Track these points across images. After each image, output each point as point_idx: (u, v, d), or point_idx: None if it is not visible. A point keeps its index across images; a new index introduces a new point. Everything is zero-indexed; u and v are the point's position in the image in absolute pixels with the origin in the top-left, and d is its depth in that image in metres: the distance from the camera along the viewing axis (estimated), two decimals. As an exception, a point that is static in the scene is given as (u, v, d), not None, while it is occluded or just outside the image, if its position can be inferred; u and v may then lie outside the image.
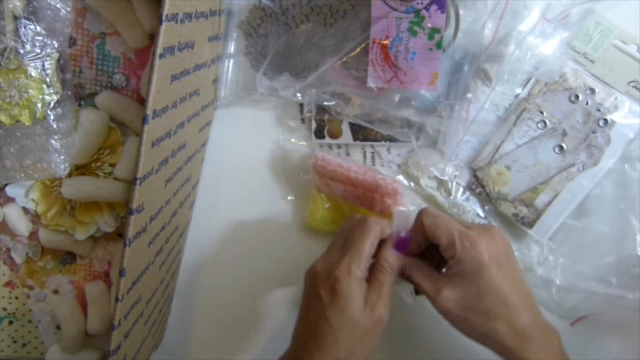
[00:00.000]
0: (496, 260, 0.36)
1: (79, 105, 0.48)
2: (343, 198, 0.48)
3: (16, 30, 0.42)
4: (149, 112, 0.34)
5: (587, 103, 0.47)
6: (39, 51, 0.43)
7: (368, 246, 0.37)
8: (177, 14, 0.35)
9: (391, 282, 0.38)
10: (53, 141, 0.45)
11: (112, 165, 0.48)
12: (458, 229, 0.37)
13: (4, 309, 0.53)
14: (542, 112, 0.48)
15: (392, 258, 0.38)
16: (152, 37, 0.46)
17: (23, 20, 0.42)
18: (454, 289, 0.36)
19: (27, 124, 0.44)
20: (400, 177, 0.52)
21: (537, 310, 0.37)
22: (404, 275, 0.39)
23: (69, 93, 0.46)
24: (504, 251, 0.37)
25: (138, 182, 0.35)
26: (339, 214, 0.50)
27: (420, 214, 0.39)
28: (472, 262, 0.35)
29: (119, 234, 0.51)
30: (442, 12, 0.42)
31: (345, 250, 0.38)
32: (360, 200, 0.48)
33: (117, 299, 0.37)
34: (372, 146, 0.52)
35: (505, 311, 0.35)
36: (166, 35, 0.34)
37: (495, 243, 0.36)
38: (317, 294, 0.37)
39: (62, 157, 0.46)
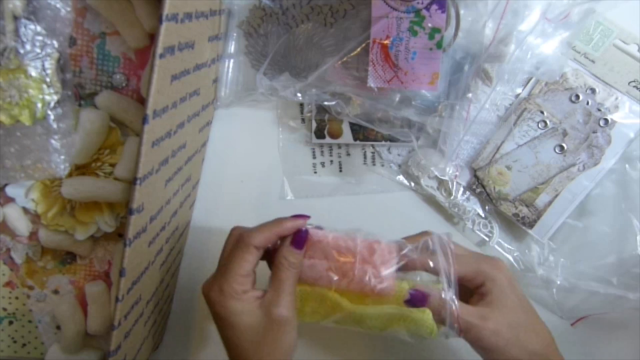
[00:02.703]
0: (515, 279, 0.38)
1: (79, 105, 0.48)
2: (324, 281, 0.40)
3: (16, 30, 0.42)
4: (149, 112, 0.34)
5: (587, 103, 0.47)
6: (39, 51, 0.43)
7: (238, 261, 0.37)
8: (177, 14, 0.35)
9: (291, 279, 0.38)
10: (53, 141, 0.45)
11: (112, 165, 0.48)
12: (473, 257, 0.38)
13: (4, 309, 0.53)
14: (542, 112, 0.48)
15: (290, 255, 0.38)
16: (152, 37, 0.46)
17: (23, 20, 0.42)
18: (498, 312, 0.36)
19: (27, 124, 0.44)
20: (401, 177, 0.52)
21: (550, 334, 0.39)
22: (437, 311, 0.37)
23: (69, 93, 0.46)
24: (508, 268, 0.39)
25: (138, 182, 0.35)
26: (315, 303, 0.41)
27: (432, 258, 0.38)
28: (501, 284, 0.37)
29: (119, 234, 0.51)
30: (443, 12, 0.42)
31: (218, 269, 0.39)
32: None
33: (117, 299, 0.37)
34: (373, 146, 0.52)
35: (537, 323, 0.38)
36: (166, 35, 0.34)
37: (500, 262, 0.39)
38: (212, 315, 0.39)
39: (62, 157, 0.46)
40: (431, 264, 0.38)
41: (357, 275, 0.38)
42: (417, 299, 0.37)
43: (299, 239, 0.38)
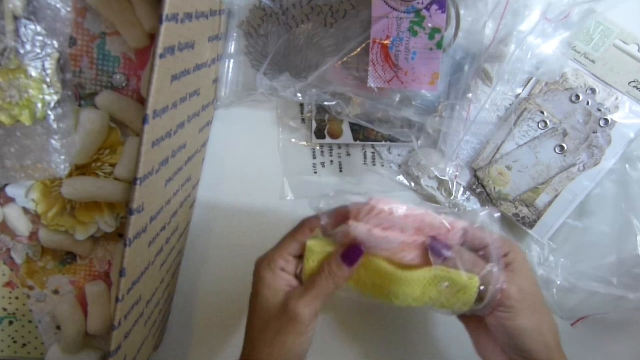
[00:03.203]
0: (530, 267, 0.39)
1: (79, 105, 0.48)
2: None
3: (16, 30, 0.42)
4: (149, 112, 0.34)
5: (587, 103, 0.47)
6: (39, 51, 0.43)
7: (292, 242, 0.38)
8: (177, 14, 0.35)
9: (328, 289, 0.37)
10: (53, 141, 0.45)
11: (112, 165, 0.48)
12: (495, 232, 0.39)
13: (4, 309, 0.53)
14: (542, 112, 0.48)
15: (337, 268, 0.37)
16: (152, 37, 0.46)
17: (23, 20, 0.42)
18: (522, 278, 0.37)
19: (27, 124, 0.44)
20: (401, 177, 0.52)
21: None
22: (486, 283, 0.36)
23: (69, 93, 0.46)
24: None
25: (138, 182, 0.35)
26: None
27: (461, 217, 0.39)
28: (523, 260, 0.38)
29: (119, 234, 0.51)
30: (443, 12, 0.42)
31: (278, 243, 0.39)
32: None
33: (117, 299, 0.37)
34: (373, 146, 0.52)
35: (550, 315, 0.38)
36: (166, 35, 0.34)
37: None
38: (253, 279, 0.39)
39: (62, 157, 0.46)
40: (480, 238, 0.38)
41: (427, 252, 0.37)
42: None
43: (352, 255, 0.37)
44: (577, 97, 0.47)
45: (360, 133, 0.50)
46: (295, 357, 0.37)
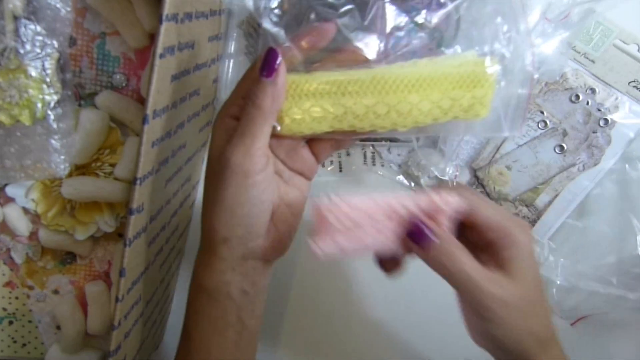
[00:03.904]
0: (534, 254, 0.33)
1: (79, 105, 0.48)
2: None
3: (16, 30, 0.42)
4: (149, 112, 0.34)
5: (587, 103, 0.47)
6: (39, 51, 0.43)
7: (241, 84, 0.32)
8: (177, 14, 0.35)
9: (254, 117, 0.30)
10: (53, 141, 0.45)
11: (112, 165, 0.48)
12: (505, 213, 0.33)
13: (4, 309, 0.53)
14: (542, 112, 0.48)
15: (254, 89, 0.30)
16: (152, 37, 0.46)
17: (23, 20, 0.42)
18: (514, 284, 0.31)
19: (27, 124, 0.44)
20: (401, 177, 0.52)
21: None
22: (442, 260, 0.31)
23: (69, 93, 0.46)
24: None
25: (138, 182, 0.35)
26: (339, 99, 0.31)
27: (462, 189, 0.33)
28: (525, 252, 0.32)
29: (119, 234, 0.51)
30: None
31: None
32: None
33: (117, 299, 0.37)
34: (373, 146, 0.52)
35: (544, 305, 0.34)
36: (166, 35, 0.34)
37: (531, 236, 0.33)
38: None
39: (62, 157, 0.46)
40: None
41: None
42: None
43: (269, 60, 0.30)
44: (577, 97, 0.47)
45: (360, 133, 0.50)
46: (240, 219, 0.31)
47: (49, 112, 0.45)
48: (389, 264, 0.35)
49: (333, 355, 0.55)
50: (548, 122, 0.48)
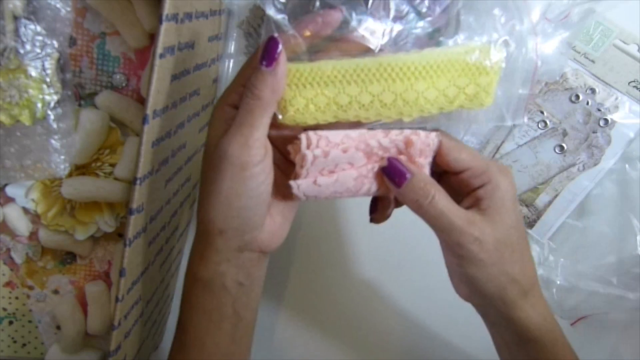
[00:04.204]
0: (515, 199, 0.33)
1: (79, 105, 0.48)
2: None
3: (16, 30, 0.42)
4: (149, 112, 0.34)
5: (587, 103, 0.47)
6: (39, 51, 0.43)
7: (242, 73, 0.31)
8: (177, 14, 0.35)
9: (256, 110, 0.29)
10: (53, 141, 0.45)
11: (112, 165, 0.48)
12: (484, 157, 0.33)
13: (4, 309, 0.53)
14: (542, 112, 0.48)
15: (252, 78, 0.29)
16: (152, 37, 0.46)
17: (23, 20, 0.42)
18: (489, 223, 0.31)
19: (27, 124, 0.44)
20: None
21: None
22: (417, 197, 0.30)
23: (69, 93, 0.46)
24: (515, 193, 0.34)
25: (138, 182, 0.35)
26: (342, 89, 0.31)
27: (440, 133, 0.32)
28: (504, 194, 0.32)
29: (119, 234, 0.51)
30: (443, 12, 0.42)
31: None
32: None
33: (117, 299, 0.37)
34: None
35: (526, 254, 0.33)
36: (166, 35, 0.34)
37: (512, 181, 0.33)
38: None
39: (62, 157, 0.46)
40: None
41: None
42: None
43: (269, 50, 0.29)
44: (577, 97, 0.47)
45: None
46: (238, 211, 0.31)
47: (49, 112, 0.45)
48: (375, 211, 0.35)
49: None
50: (548, 122, 0.48)
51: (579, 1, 0.45)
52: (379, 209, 0.36)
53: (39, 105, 0.44)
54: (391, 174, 0.31)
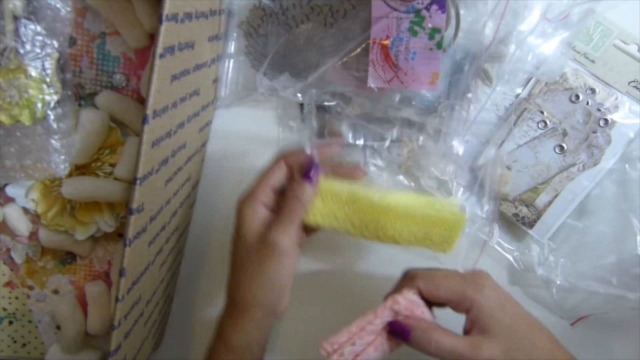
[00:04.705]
0: (505, 295, 0.37)
1: (79, 105, 0.48)
2: None
3: (16, 30, 0.42)
4: (149, 112, 0.34)
5: (587, 103, 0.47)
6: (39, 51, 0.43)
7: (270, 176, 0.40)
8: (177, 14, 0.35)
9: (296, 210, 0.38)
10: (53, 141, 0.45)
11: (112, 165, 0.48)
12: (457, 280, 0.37)
13: (4, 309, 0.53)
14: (542, 112, 0.48)
15: (299, 188, 0.38)
16: (152, 37, 0.46)
17: (23, 20, 0.42)
18: (490, 340, 0.35)
19: (27, 124, 0.44)
20: (401, 177, 0.52)
21: (553, 336, 0.37)
22: (423, 345, 0.36)
23: (69, 93, 0.46)
24: (500, 287, 0.38)
25: (138, 182, 0.35)
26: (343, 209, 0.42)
27: (415, 279, 0.38)
28: (489, 309, 0.36)
29: (119, 234, 0.51)
30: (443, 12, 0.42)
31: (257, 179, 0.41)
32: None
33: (117, 299, 0.37)
34: (373, 146, 0.52)
35: (537, 334, 0.36)
36: (166, 35, 0.34)
37: (492, 281, 0.38)
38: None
39: (62, 157, 0.46)
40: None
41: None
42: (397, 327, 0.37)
43: (310, 171, 0.39)
44: (577, 97, 0.47)
45: (361, 133, 0.50)
46: (278, 289, 0.38)
47: (49, 112, 0.45)
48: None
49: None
50: (548, 122, 0.48)
51: (579, 1, 0.45)
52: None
53: (39, 105, 0.44)
54: (397, 334, 0.37)
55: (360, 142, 0.51)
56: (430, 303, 0.38)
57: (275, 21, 0.48)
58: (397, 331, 0.37)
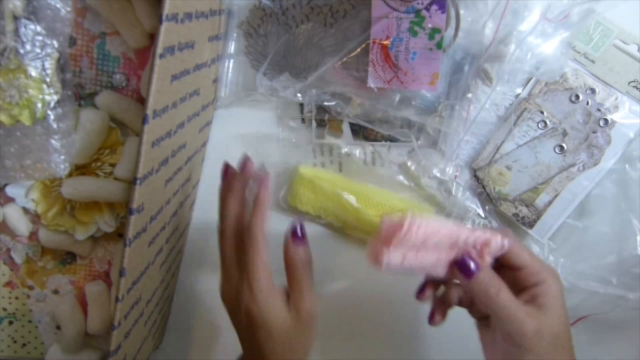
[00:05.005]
0: (564, 300, 0.38)
1: (79, 105, 0.48)
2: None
3: (16, 30, 0.42)
4: (149, 112, 0.34)
5: (587, 103, 0.47)
6: (39, 51, 0.43)
7: (262, 265, 0.37)
8: (177, 14, 0.35)
9: (307, 273, 0.38)
10: (53, 141, 0.45)
11: (112, 165, 0.48)
12: (538, 257, 0.38)
13: (4, 309, 0.53)
14: (542, 112, 0.48)
15: (295, 253, 0.38)
16: (152, 37, 0.46)
17: (23, 20, 0.42)
18: (545, 317, 0.35)
19: (27, 124, 0.44)
20: (401, 177, 0.52)
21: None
22: (484, 288, 0.35)
23: (69, 93, 0.46)
24: None
25: (138, 182, 0.35)
26: (329, 203, 0.50)
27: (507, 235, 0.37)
28: (556, 293, 0.36)
29: (119, 234, 0.51)
30: (443, 12, 0.42)
31: (243, 272, 0.37)
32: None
33: (117, 299, 0.37)
34: (373, 146, 0.52)
35: (571, 345, 0.37)
36: (166, 35, 0.34)
37: (561, 283, 0.38)
38: (239, 320, 0.38)
39: (62, 157, 0.46)
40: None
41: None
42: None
43: (296, 232, 0.38)
44: (577, 97, 0.47)
45: (360, 133, 0.50)
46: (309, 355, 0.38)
47: (49, 112, 0.45)
48: (436, 314, 0.41)
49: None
50: (548, 122, 0.48)
51: (579, 1, 0.45)
52: (425, 292, 0.41)
53: (39, 105, 0.44)
54: (463, 268, 0.36)
55: (360, 142, 0.51)
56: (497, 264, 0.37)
57: (275, 21, 0.48)
58: (466, 266, 0.36)
